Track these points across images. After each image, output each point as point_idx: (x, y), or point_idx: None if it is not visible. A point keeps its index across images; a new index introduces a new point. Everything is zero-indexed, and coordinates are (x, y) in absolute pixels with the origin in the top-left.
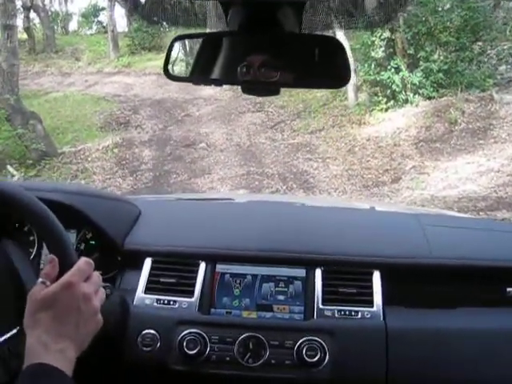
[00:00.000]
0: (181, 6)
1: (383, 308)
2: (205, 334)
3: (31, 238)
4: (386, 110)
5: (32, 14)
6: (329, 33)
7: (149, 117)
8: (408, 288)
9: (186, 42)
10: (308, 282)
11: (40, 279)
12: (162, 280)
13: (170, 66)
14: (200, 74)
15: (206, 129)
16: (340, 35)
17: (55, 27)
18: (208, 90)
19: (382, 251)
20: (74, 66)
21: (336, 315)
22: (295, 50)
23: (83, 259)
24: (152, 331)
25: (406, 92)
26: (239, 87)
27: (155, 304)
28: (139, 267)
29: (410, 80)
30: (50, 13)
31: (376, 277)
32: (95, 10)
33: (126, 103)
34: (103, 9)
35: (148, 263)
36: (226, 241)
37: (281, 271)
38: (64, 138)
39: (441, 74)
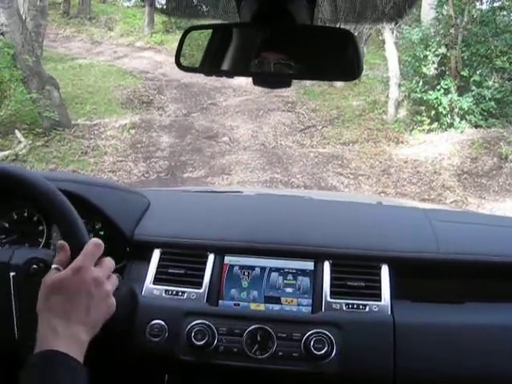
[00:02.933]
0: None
1: (391, 302)
2: (213, 326)
3: (40, 228)
4: (428, 131)
5: None
6: (346, 26)
7: (173, 99)
8: (416, 282)
9: None
10: (316, 274)
11: (53, 265)
12: (170, 271)
13: (181, 57)
14: (211, 64)
15: (231, 122)
16: (390, 44)
17: None
18: (238, 80)
19: (390, 245)
20: (106, 35)
21: (344, 308)
22: (307, 42)
23: (91, 242)
24: (160, 322)
25: (452, 116)
26: None
27: (163, 295)
28: (148, 258)
29: (459, 104)
30: None
31: (384, 271)
32: None
33: (152, 81)
34: None
35: (157, 254)
36: (235, 233)
37: (289, 264)
38: (81, 109)
39: (493, 103)
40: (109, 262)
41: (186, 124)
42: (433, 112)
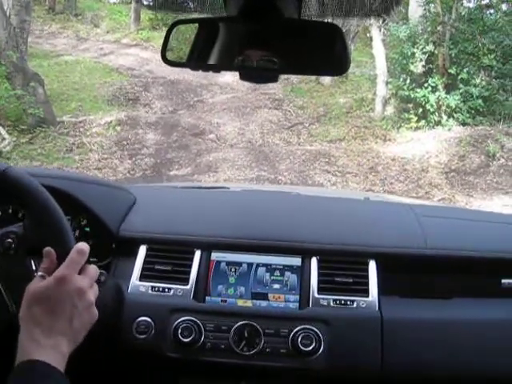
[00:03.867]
0: None
1: (379, 298)
2: (200, 322)
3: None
4: (416, 129)
5: None
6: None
7: (159, 96)
8: (403, 278)
9: None
10: (304, 270)
11: (39, 273)
12: (156, 267)
13: (167, 52)
14: (197, 59)
15: (217, 119)
16: (377, 42)
17: None
18: (225, 78)
19: (377, 241)
20: (92, 32)
21: (331, 304)
22: (294, 36)
23: (75, 249)
24: (147, 319)
25: (439, 113)
26: None
27: (150, 291)
28: (134, 254)
29: (446, 102)
30: None
31: (372, 266)
32: None
33: (139, 78)
34: None
35: (143, 250)
36: (222, 229)
37: (276, 260)
38: (67, 106)
39: (480, 101)
40: (92, 270)
41: (172, 121)
42: (420, 110)
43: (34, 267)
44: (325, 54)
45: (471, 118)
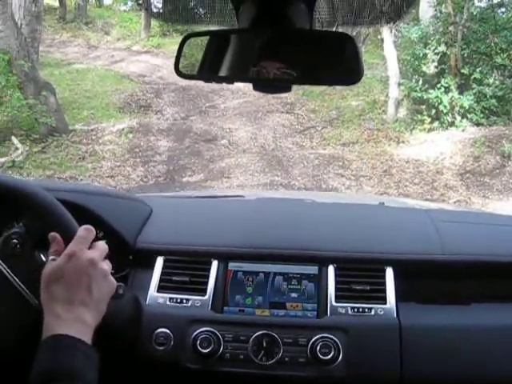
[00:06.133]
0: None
1: (396, 305)
2: (218, 333)
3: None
4: (429, 130)
5: None
6: (344, 29)
7: (171, 103)
8: (421, 284)
9: None
10: (321, 279)
11: (50, 257)
12: (174, 279)
13: (180, 64)
14: (209, 71)
15: (229, 124)
16: (388, 44)
17: None
18: (236, 83)
19: (394, 248)
20: (103, 39)
21: (349, 312)
22: (307, 47)
23: (82, 227)
24: (165, 330)
25: (453, 114)
26: None
27: (168, 303)
28: (151, 266)
29: (460, 102)
30: None
31: (389, 273)
32: None
33: (150, 85)
34: None
35: (160, 262)
36: (238, 238)
37: (293, 268)
38: (79, 114)
39: (494, 101)
40: (102, 245)
41: (184, 127)
42: (433, 111)
43: (43, 258)
44: (338, 63)
45: (485, 118)
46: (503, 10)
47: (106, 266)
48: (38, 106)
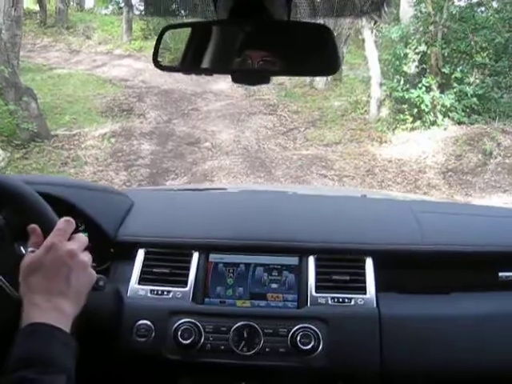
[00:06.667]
0: None
1: (376, 295)
2: (199, 324)
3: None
4: (411, 129)
5: None
6: (321, 21)
7: (154, 106)
8: (401, 274)
9: None
10: (301, 269)
11: (29, 249)
12: (155, 270)
13: (159, 56)
14: (190, 63)
15: (212, 127)
16: (370, 44)
17: (71, 2)
18: (219, 85)
19: (374, 238)
20: (84, 44)
21: (329, 302)
22: (287, 38)
23: (62, 219)
24: (146, 322)
25: (434, 113)
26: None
27: (149, 295)
28: (132, 258)
29: (441, 101)
30: None
31: (369, 264)
32: None
33: (132, 89)
34: None
35: (141, 254)
36: (219, 230)
37: (274, 260)
38: (61, 119)
39: (475, 99)
40: (82, 237)
41: (167, 131)
42: (415, 110)
43: (23, 251)
44: (317, 54)
45: (466, 116)
46: (482, 8)
47: (86, 257)
48: (19, 111)
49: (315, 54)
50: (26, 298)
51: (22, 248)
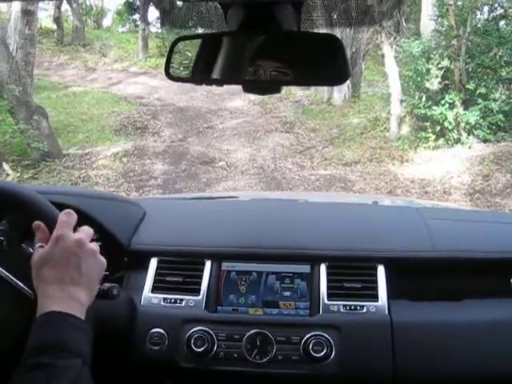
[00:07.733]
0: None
1: (388, 302)
2: (212, 332)
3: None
4: (434, 148)
5: (66, 6)
6: (331, 31)
7: (168, 124)
8: (412, 282)
9: None
10: (313, 277)
11: (37, 245)
12: (168, 279)
13: (171, 67)
14: (201, 73)
15: (227, 145)
16: (390, 59)
17: (88, 21)
18: (235, 102)
19: (385, 245)
20: (100, 61)
21: (341, 310)
22: (298, 48)
23: (62, 212)
24: (160, 330)
25: (458, 131)
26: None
27: (162, 303)
28: (145, 267)
29: (465, 118)
30: (83, 5)
31: (380, 271)
32: (131, 9)
33: (147, 107)
34: (139, 7)
35: (154, 263)
36: (231, 239)
37: (286, 268)
38: (74, 138)
39: (501, 116)
40: (87, 228)
41: (180, 150)
42: (438, 128)
43: (31, 250)
44: (327, 63)
45: (492, 134)
46: (507, 21)
47: (94, 246)
48: (30, 130)
49: (325, 64)
50: (40, 291)
51: (30, 248)
